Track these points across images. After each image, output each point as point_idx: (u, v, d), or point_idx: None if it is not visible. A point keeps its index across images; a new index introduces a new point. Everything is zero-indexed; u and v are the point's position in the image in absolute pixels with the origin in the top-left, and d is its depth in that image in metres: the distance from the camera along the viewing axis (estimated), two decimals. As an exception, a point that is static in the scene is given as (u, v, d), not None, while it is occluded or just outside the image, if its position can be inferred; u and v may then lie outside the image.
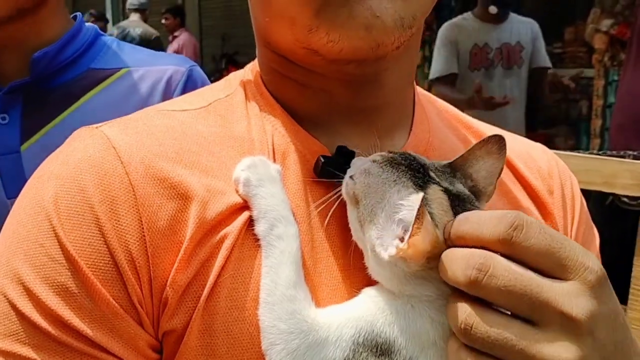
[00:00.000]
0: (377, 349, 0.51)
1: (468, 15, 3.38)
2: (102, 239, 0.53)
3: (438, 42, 3.40)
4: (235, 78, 0.70)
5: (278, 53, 0.64)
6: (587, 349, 0.45)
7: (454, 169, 0.57)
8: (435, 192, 0.52)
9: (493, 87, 3.27)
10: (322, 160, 0.60)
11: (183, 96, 0.70)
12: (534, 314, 0.46)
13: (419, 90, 0.74)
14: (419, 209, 0.47)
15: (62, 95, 1.03)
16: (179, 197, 0.56)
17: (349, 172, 0.57)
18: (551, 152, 0.79)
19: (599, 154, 1.63)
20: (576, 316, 0.45)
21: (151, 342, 0.55)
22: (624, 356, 0.48)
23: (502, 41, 3.27)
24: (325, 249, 0.59)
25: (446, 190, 0.53)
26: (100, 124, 0.61)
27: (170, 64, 1.12)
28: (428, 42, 4.73)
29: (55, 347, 0.52)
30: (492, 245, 0.46)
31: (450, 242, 0.49)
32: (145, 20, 6.41)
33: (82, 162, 0.57)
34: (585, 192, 0.78)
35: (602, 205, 2.53)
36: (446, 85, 3.36)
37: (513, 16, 3.36)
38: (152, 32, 6.24)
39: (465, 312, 0.46)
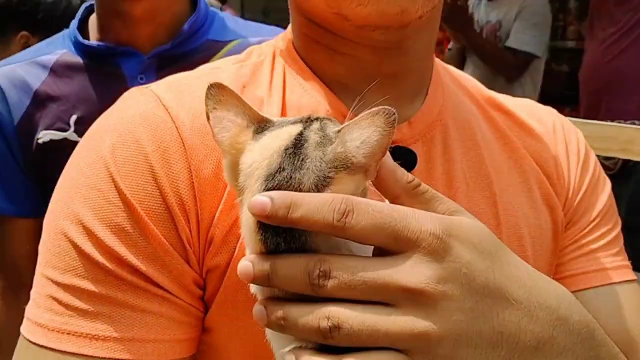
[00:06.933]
0: None
1: None
2: (155, 184, 0.59)
3: None
4: (263, 46, 0.74)
5: (310, 19, 0.68)
6: (444, 312, 0.44)
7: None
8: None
9: (467, 66, 3.05)
10: None
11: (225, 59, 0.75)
12: (383, 297, 0.44)
13: (437, 60, 0.78)
14: None
15: (186, 63, 1.08)
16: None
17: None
18: (558, 114, 0.83)
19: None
20: (417, 287, 0.44)
21: (196, 278, 0.61)
22: (495, 298, 0.46)
23: (488, 19, 3.03)
24: None
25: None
26: (147, 85, 0.66)
27: (275, 35, 1.23)
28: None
29: (111, 281, 0.58)
30: (326, 231, 0.45)
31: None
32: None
33: (136, 117, 0.62)
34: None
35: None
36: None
37: None
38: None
39: (327, 312, 0.43)
